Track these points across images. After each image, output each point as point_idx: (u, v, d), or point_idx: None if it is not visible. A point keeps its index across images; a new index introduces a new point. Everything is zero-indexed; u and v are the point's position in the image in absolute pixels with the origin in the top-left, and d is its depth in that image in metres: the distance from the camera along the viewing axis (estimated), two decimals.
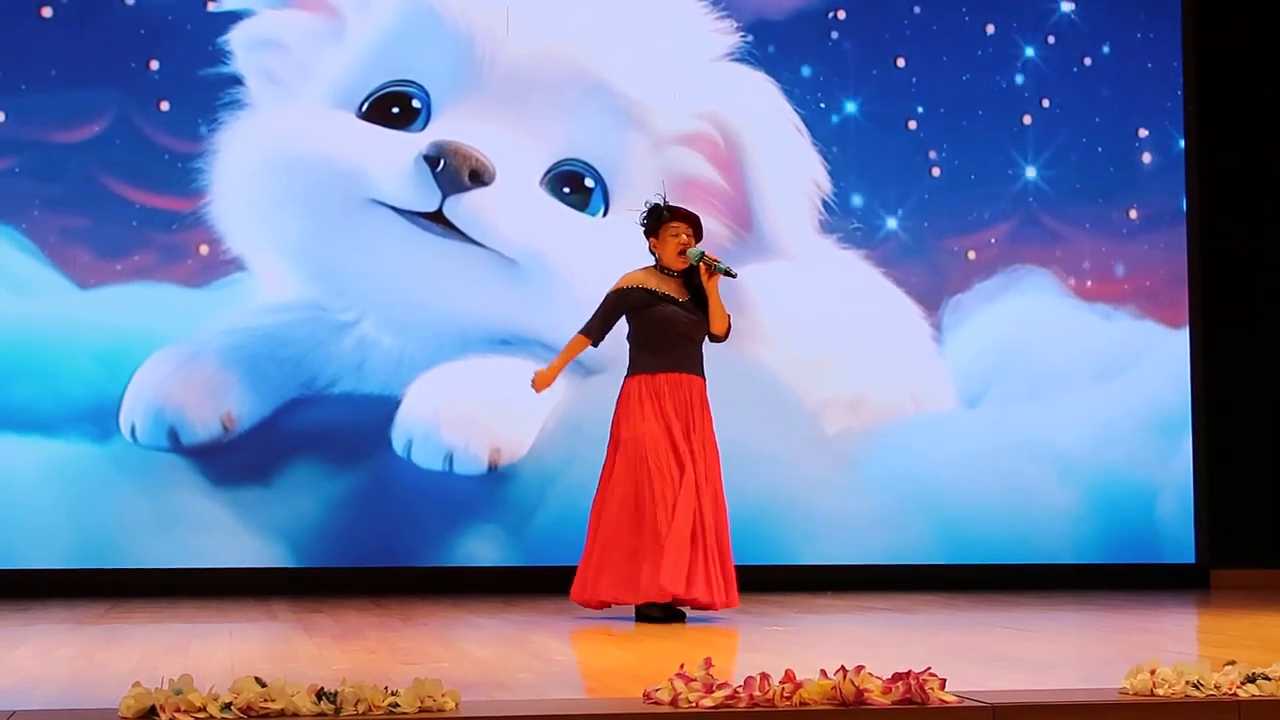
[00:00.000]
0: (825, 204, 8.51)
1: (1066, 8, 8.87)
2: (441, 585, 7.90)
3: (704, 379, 6.45)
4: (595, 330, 6.45)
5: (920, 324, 8.59)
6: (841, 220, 8.52)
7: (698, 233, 6.41)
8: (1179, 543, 8.72)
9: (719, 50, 8.43)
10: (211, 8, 8.01)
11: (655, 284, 6.40)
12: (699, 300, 6.40)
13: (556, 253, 8.03)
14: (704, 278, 6.32)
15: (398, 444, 7.93)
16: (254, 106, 8.00)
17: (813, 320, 8.48)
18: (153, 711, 3.39)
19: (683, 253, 6.34)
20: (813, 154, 8.48)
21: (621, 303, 6.41)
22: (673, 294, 6.39)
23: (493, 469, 8.01)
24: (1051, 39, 8.84)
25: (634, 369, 6.42)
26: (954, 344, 8.61)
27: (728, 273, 6.28)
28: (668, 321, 6.35)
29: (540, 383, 6.46)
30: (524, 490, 8.02)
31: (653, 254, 6.47)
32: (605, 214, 8.11)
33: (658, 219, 6.38)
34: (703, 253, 6.32)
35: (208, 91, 7.97)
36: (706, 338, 6.46)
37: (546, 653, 5.09)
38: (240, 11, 8.02)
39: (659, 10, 8.41)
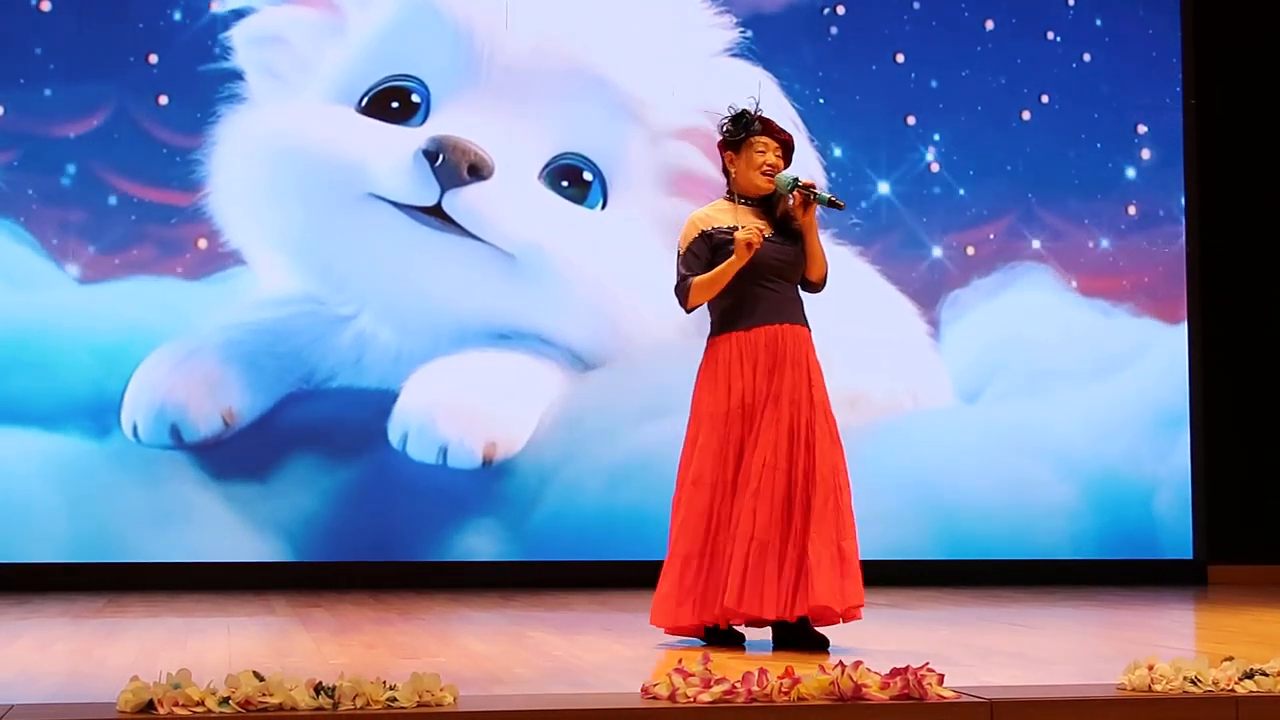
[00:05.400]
0: None
1: (1066, 3, 8.87)
2: (440, 580, 7.90)
3: (807, 328, 5.24)
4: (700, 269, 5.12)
5: (919, 320, 8.58)
6: (839, 215, 8.51)
7: (787, 159, 5.27)
8: (1177, 538, 8.72)
9: (717, 45, 8.42)
10: (215, 8, 7.99)
11: (730, 219, 5.16)
12: (787, 233, 5.18)
13: (555, 247, 8.03)
14: (798, 212, 5.13)
15: (393, 437, 7.92)
16: (253, 101, 7.99)
17: (811, 316, 8.44)
18: (151, 706, 3.39)
19: (769, 175, 5.18)
20: (810, 149, 8.48)
21: (706, 245, 5.13)
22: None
23: (487, 464, 8.00)
24: (1050, 34, 8.84)
25: (715, 328, 5.21)
26: (952, 340, 8.61)
27: (833, 203, 5.10)
28: (752, 262, 5.06)
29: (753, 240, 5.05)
30: (522, 485, 8.00)
31: (726, 173, 5.28)
32: (604, 207, 8.11)
33: (745, 128, 5.20)
34: (796, 179, 5.13)
35: (207, 86, 7.96)
36: (801, 285, 5.26)
37: (544, 647, 5.08)
38: (241, 9, 8.00)
39: (657, 5, 8.40)
